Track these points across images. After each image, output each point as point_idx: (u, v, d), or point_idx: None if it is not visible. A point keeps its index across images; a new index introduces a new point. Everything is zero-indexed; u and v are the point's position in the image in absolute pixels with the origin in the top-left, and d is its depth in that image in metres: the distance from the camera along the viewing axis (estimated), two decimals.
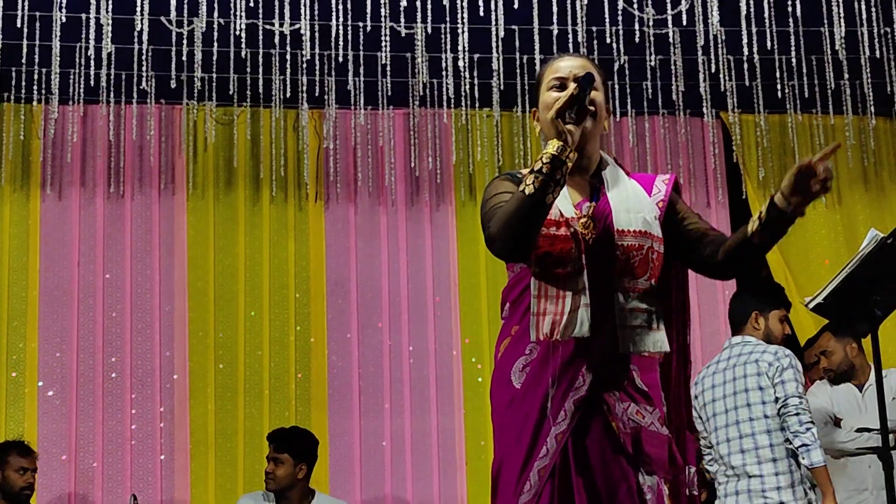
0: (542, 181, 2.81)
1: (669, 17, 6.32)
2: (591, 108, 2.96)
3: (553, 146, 2.84)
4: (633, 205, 3.02)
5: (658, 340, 2.97)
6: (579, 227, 2.97)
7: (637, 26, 6.27)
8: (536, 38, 6.32)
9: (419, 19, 6.15)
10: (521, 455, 2.92)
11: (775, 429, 5.14)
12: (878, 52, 6.53)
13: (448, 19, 6.27)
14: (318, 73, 6.74)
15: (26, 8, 6.07)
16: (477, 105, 7.03)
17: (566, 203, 2.98)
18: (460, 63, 6.31)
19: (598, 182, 3.08)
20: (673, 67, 6.76)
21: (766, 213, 2.91)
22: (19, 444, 6.30)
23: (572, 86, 2.95)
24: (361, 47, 6.53)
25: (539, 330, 2.92)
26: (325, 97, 6.92)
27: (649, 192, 3.09)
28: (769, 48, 6.43)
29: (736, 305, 5.53)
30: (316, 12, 6.17)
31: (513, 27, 6.42)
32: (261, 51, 6.50)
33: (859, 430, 5.69)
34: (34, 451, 6.31)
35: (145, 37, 6.09)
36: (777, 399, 5.13)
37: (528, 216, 2.83)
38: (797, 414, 5.07)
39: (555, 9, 6.11)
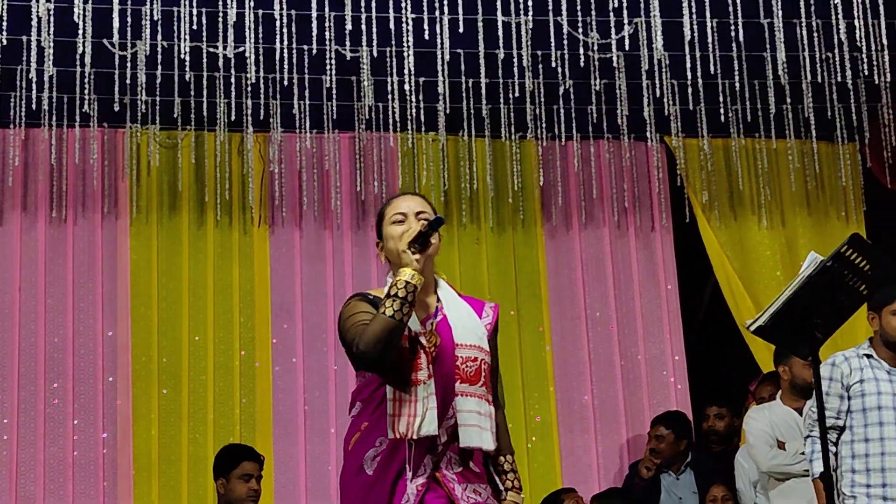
0: (399, 303, 3.37)
1: (614, 42, 6.36)
2: (433, 241, 3.51)
3: (405, 273, 3.40)
4: (468, 322, 3.58)
5: (487, 439, 3.51)
6: (426, 341, 3.50)
7: (582, 51, 6.31)
8: (482, 62, 6.35)
9: (364, 42, 6.14)
10: None
11: None
12: (819, 77, 6.61)
13: (393, 43, 6.27)
14: (262, 96, 6.73)
15: None
16: (423, 129, 7.04)
17: (414, 320, 3.49)
18: (406, 87, 6.30)
19: (437, 301, 3.63)
20: (617, 92, 6.81)
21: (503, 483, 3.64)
22: None
23: (415, 222, 3.54)
24: (306, 70, 6.53)
25: (396, 430, 3.42)
26: (270, 120, 6.90)
27: (479, 314, 3.65)
28: (712, 73, 6.50)
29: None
30: (260, 35, 6.15)
31: (458, 51, 6.43)
32: (205, 74, 6.47)
33: (804, 453, 5.75)
34: None
35: (88, 59, 6.04)
36: None
37: (391, 334, 3.36)
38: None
39: (500, 33, 6.13)
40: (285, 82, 6.49)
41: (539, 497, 6.91)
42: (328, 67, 6.30)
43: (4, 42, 5.97)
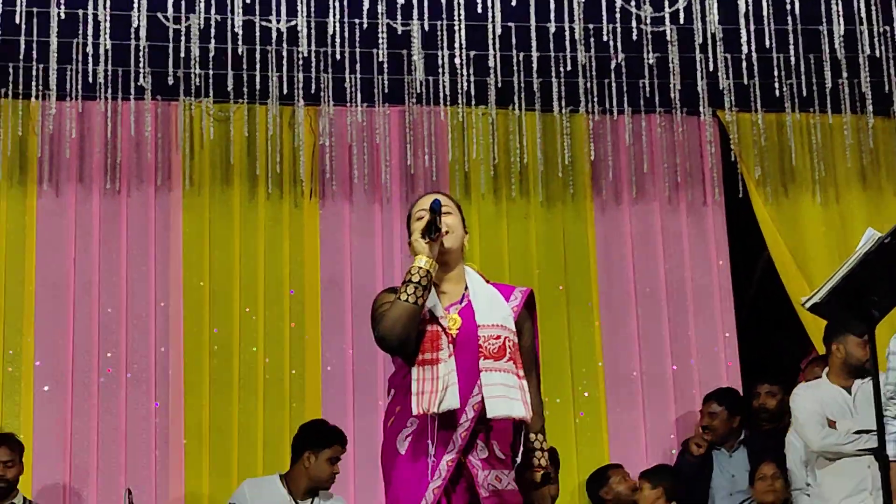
0: (413, 287, 3.67)
1: (667, 15, 6.31)
2: (444, 227, 3.77)
3: (419, 260, 3.70)
4: (492, 304, 3.83)
5: (517, 408, 3.72)
6: (448, 323, 3.77)
7: (635, 24, 6.26)
8: (533, 35, 6.31)
9: (416, 16, 6.13)
10: None
11: None
12: (876, 51, 6.51)
13: (445, 16, 6.24)
14: (314, 69, 6.72)
15: (24, 4, 6.05)
16: (473, 103, 7.03)
17: (438, 307, 3.78)
18: (457, 60, 6.29)
19: (464, 289, 3.88)
20: (670, 65, 6.73)
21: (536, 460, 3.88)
22: None
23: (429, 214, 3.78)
24: (358, 44, 6.51)
25: (419, 405, 3.66)
26: (322, 94, 6.90)
27: (507, 298, 3.89)
28: (767, 46, 6.41)
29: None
30: (313, 9, 6.14)
31: (510, 24, 6.40)
32: (257, 47, 6.47)
33: (857, 433, 5.73)
34: (6, 445, 6.23)
35: (142, 33, 6.06)
36: None
37: (407, 316, 3.67)
38: None
39: (552, 6, 6.09)
40: (337, 56, 6.48)
41: (586, 472, 6.92)
42: (379, 41, 6.28)
43: (62, 16, 6.01)
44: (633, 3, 6.21)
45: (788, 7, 6.17)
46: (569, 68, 6.70)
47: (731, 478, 6.65)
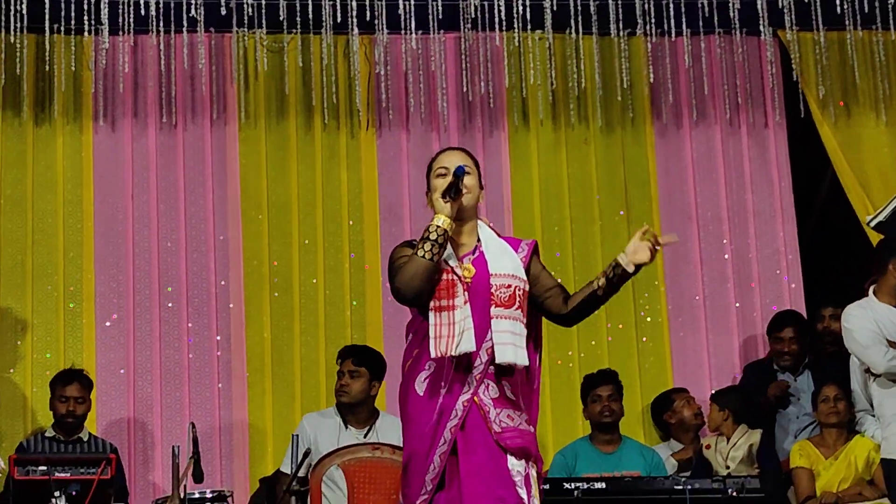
0: (430, 244, 3.88)
1: None
2: (465, 189, 3.95)
3: (437, 219, 3.91)
4: (503, 255, 4.06)
5: (521, 356, 3.94)
6: (462, 272, 3.98)
7: None
8: None
9: None
10: (426, 444, 3.91)
11: None
12: None
13: None
14: None
15: None
16: (529, 27, 6.94)
17: (453, 258, 4.00)
18: None
19: (477, 241, 4.10)
20: None
21: (612, 271, 3.92)
22: (61, 373, 6.39)
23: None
24: None
25: (437, 348, 3.88)
26: (376, 22, 6.85)
27: (516, 250, 4.10)
28: None
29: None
30: None
31: None
32: None
33: None
34: (77, 381, 6.32)
35: None
36: None
37: (424, 272, 3.88)
38: None
39: None
40: None
41: (649, 397, 6.91)
42: None
43: None
44: None
45: None
46: None
47: (796, 401, 6.61)
